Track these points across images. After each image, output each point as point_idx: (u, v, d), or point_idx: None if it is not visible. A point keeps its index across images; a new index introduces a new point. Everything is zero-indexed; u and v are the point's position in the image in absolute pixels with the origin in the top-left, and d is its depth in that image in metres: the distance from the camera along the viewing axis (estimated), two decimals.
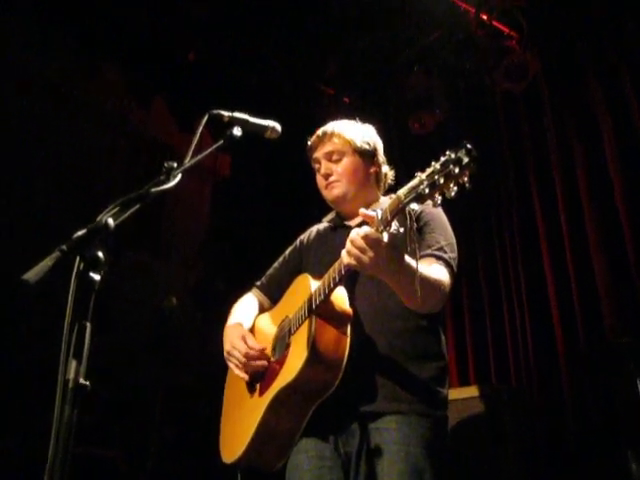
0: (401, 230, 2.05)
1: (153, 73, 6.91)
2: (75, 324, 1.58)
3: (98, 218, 1.72)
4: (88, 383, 1.57)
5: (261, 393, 2.63)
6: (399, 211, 2.00)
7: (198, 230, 7.67)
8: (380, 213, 2.05)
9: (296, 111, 6.71)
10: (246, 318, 3.01)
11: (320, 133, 2.99)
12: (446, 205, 2.00)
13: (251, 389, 2.76)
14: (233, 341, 2.76)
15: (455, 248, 2.67)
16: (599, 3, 5.80)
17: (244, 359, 2.69)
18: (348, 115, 3.15)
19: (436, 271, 2.47)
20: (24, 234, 5.58)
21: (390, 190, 3.04)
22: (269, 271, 3.23)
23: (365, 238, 2.08)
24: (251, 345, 2.71)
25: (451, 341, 6.32)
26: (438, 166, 1.88)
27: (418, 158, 1.99)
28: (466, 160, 1.82)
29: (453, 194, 1.87)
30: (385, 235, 2.06)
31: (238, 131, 2.32)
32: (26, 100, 6.05)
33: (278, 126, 2.50)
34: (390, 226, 2.04)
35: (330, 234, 3.03)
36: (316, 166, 3.02)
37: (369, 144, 2.99)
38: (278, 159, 7.22)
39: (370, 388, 2.50)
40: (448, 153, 1.87)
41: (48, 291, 1.63)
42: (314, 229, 3.19)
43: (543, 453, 5.07)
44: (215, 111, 2.35)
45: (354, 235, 2.11)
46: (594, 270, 5.35)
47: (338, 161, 2.93)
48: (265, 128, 2.48)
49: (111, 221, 1.72)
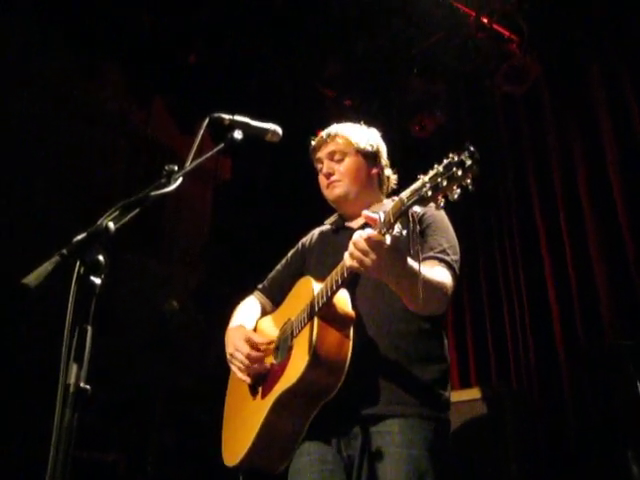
0: (404, 233, 2.04)
1: (153, 74, 6.91)
2: (76, 328, 1.58)
3: (98, 222, 1.72)
4: (89, 387, 1.56)
5: (263, 396, 2.62)
6: (402, 213, 1.99)
7: (200, 233, 7.66)
8: (383, 215, 2.05)
9: (297, 114, 6.70)
10: (248, 321, 3.00)
11: (324, 134, 3.00)
12: (447, 207, 2.00)
13: (253, 392, 2.75)
14: (236, 343, 2.75)
15: (458, 250, 2.68)
16: (599, 6, 5.81)
17: (247, 361, 2.68)
18: (349, 118, 3.16)
19: (439, 274, 2.47)
20: (24, 234, 5.58)
21: (393, 193, 3.05)
22: (271, 274, 3.23)
23: (368, 240, 2.07)
24: (256, 341, 2.71)
25: (452, 343, 6.33)
26: (441, 169, 1.87)
27: (419, 161, 1.99)
28: (469, 162, 1.82)
29: (456, 197, 1.86)
30: (388, 237, 2.05)
31: (239, 134, 2.32)
32: (26, 100, 6.05)
33: (279, 129, 2.50)
34: (393, 228, 2.03)
35: (332, 236, 3.03)
36: (319, 166, 3.03)
37: (372, 146, 3.00)
38: (279, 162, 7.22)
39: (372, 391, 2.49)
40: (451, 156, 1.86)
41: (50, 293, 1.63)
42: (316, 231, 3.19)
43: (544, 454, 5.07)
44: (216, 114, 2.34)
45: (357, 237, 2.11)
46: (594, 271, 5.35)
47: (340, 161, 2.94)
48: (266, 131, 2.47)
49: (111, 225, 1.72)
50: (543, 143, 6.14)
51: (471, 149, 1.84)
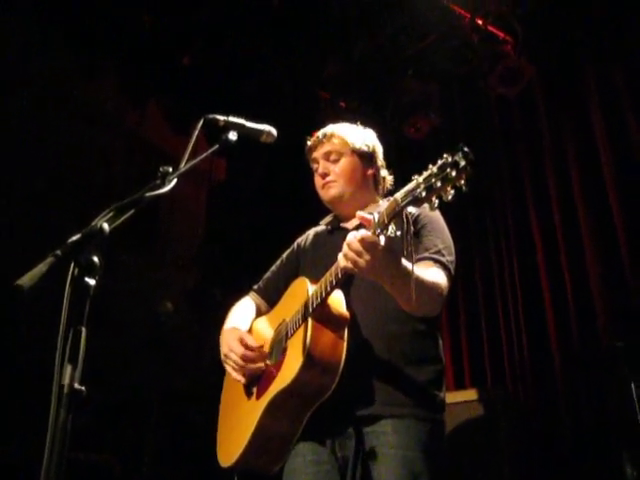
0: (398, 233, 2.04)
1: (148, 75, 6.90)
2: (70, 329, 1.58)
3: (93, 223, 1.72)
4: (83, 388, 1.56)
5: (258, 397, 2.62)
6: (396, 214, 1.99)
7: (194, 234, 7.66)
8: (377, 216, 2.05)
9: (292, 115, 6.71)
10: (243, 321, 2.99)
11: (320, 134, 3.00)
12: (443, 208, 2.00)
13: (248, 393, 2.75)
14: (230, 344, 2.74)
15: (453, 251, 2.67)
16: (593, 8, 5.82)
17: (241, 362, 2.67)
18: (344, 119, 3.16)
19: (433, 274, 2.47)
20: (20, 235, 5.57)
21: (388, 194, 3.04)
22: (266, 275, 3.22)
23: (362, 241, 2.07)
24: (249, 344, 2.70)
25: (447, 344, 6.33)
26: (435, 169, 1.87)
27: (414, 162, 1.98)
28: (463, 163, 1.82)
29: (450, 197, 1.86)
30: (382, 238, 2.05)
31: (233, 135, 2.32)
32: (23, 100, 6.04)
33: (274, 130, 2.50)
34: (387, 229, 2.03)
35: (327, 236, 3.02)
36: (314, 166, 3.03)
37: (368, 146, 3.00)
38: (274, 163, 7.21)
39: (367, 392, 2.49)
40: (445, 156, 1.86)
41: (48, 293, 1.63)
42: (311, 232, 3.18)
43: (538, 456, 5.07)
44: (210, 115, 2.34)
45: (351, 238, 2.11)
46: (589, 273, 5.36)
47: (336, 161, 2.94)
48: (260, 132, 2.47)
49: (106, 226, 1.72)
50: (537, 144, 6.15)
51: (465, 150, 1.83)
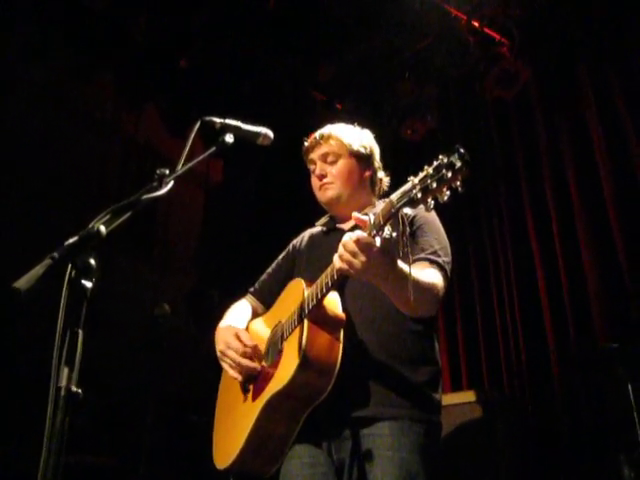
0: (394, 235, 2.03)
1: (145, 78, 6.91)
2: (67, 331, 1.58)
3: (90, 225, 1.72)
4: (80, 391, 1.56)
5: (254, 398, 2.61)
6: (392, 215, 1.98)
7: (191, 236, 7.66)
8: (372, 217, 2.05)
9: (288, 117, 6.71)
10: (239, 322, 2.98)
11: (317, 135, 3.00)
12: (439, 209, 2.00)
13: (244, 394, 2.74)
14: (227, 340, 2.73)
15: (449, 252, 2.67)
16: (589, 10, 5.83)
17: (238, 359, 2.66)
18: (340, 121, 3.15)
19: (429, 275, 2.46)
20: (17, 236, 5.57)
21: (385, 196, 3.04)
22: (262, 277, 3.21)
23: (357, 242, 2.06)
24: (245, 341, 2.69)
25: (444, 346, 6.34)
26: (431, 170, 1.87)
27: (410, 164, 1.98)
28: (459, 164, 1.82)
29: (446, 198, 1.86)
30: (377, 239, 2.05)
31: (230, 138, 2.32)
32: (21, 103, 6.05)
33: (270, 133, 2.50)
34: (383, 230, 2.02)
35: (323, 238, 3.02)
36: (311, 167, 3.02)
37: (365, 148, 2.99)
38: (271, 165, 7.22)
39: (363, 393, 2.48)
40: (441, 157, 1.86)
41: (46, 295, 1.63)
42: (307, 233, 3.18)
43: (535, 458, 5.07)
44: (207, 118, 2.34)
45: (346, 239, 2.10)
46: (586, 275, 5.37)
47: (333, 163, 2.93)
48: (257, 135, 2.47)
49: (103, 228, 1.71)
50: (534, 146, 6.16)
51: (461, 151, 1.83)
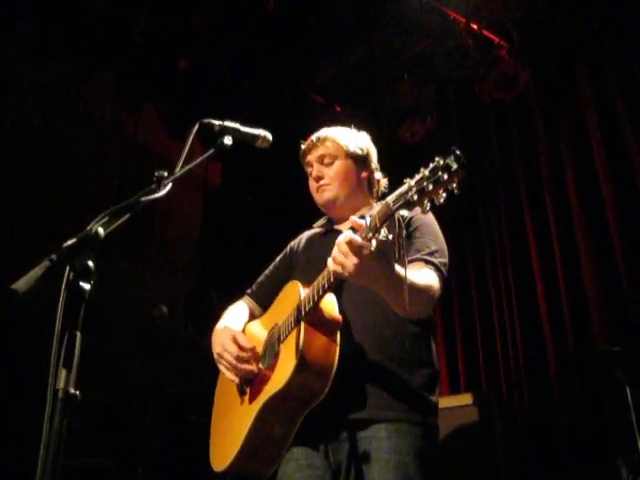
0: (390, 237, 2.02)
1: (144, 80, 6.91)
2: (65, 333, 1.58)
3: (88, 227, 1.72)
4: (78, 393, 1.56)
5: (251, 400, 2.61)
6: (388, 217, 1.98)
7: (190, 238, 7.66)
8: (369, 219, 2.04)
9: (287, 119, 6.72)
10: (236, 324, 2.98)
11: (314, 137, 3.01)
12: (437, 212, 2.00)
13: (241, 396, 2.74)
14: (224, 343, 2.72)
15: (446, 254, 2.67)
16: (588, 12, 5.84)
17: (234, 362, 2.66)
18: (339, 124, 3.16)
19: (425, 276, 2.46)
20: (15, 237, 5.57)
21: (382, 197, 3.04)
22: (259, 279, 3.22)
23: (349, 244, 2.05)
24: (242, 344, 2.69)
25: (442, 349, 6.34)
26: (427, 173, 1.87)
27: (409, 167, 1.98)
28: (455, 167, 1.82)
29: (442, 200, 1.86)
30: (373, 242, 2.05)
31: (229, 140, 2.32)
32: (21, 105, 6.05)
33: (269, 135, 2.50)
34: (379, 232, 2.02)
35: (321, 239, 3.02)
36: (308, 170, 3.03)
37: (362, 149, 3.00)
38: (269, 167, 7.22)
39: (360, 396, 2.48)
40: (437, 159, 1.86)
41: (44, 297, 1.63)
42: (304, 235, 3.18)
43: (534, 460, 5.08)
44: (206, 120, 2.34)
45: (339, 241, 2.09)
46: (584, 278, 5.37)
47: (330, 164, 2.94)
48: (256, 137, 2.47)
49: (101, 230, 1.71)
50: (533, 149, 6.17)
51: (457, 153, 1.83)
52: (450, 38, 6.34)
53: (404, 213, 1.97)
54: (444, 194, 1.86)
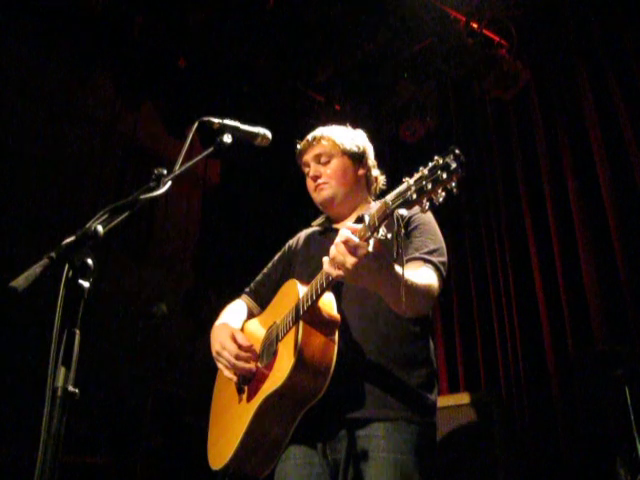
0: (389, 236, 2.01)
1: (143, 78, 6.91)
2: (64, 331, 1.58)
3: (87, 225, 1.71)
4: (77, 390, 1.56)
5: (249, 399, 2.61)
6: (386, 216, 1.97)
7: (189, 237, 7.66)
8: (368, 218, 2.03)
9: (287, 118, 6.72)
10: (234, 322, 2.98)
11: (309, 137, 3.01)
12: (437, 213, 2.00)
13: (239, 395, 2.74)
14: (223, 341, 2.73)
15: (445, 253, 2.66)
16: (588, 11, 5.83)
17: (233, 360, 2.66)
18: (339, 123, 3.16)
19: (423, 275, 2.45)
20: (14, 237, 5.58)
21: (381, 195, 3.03)
22: (257, 277, 3.22)
23: (346, 244, 2.03)
24: (241, 342, 2.69)
25: (441, 348, 6.33)
26: (426, 172, 1.86)
27: (409, 165, 1.97)
28: (454, 166, 1.81)
29: (441, 200, 1.86)
30: (371, 242, 2.04)
31: (228, 138, 2.32)
32: (21, 104, 6.06)
33: (269, 133, 2.50)
34: (377, 231, 2.01)
35: (319, 238, 3.02)
36: (306, 170, 3.03)
37: (358, 147, 3.00)
38: (268, 166, 7.22)
39: (358, 394, 2.48)
40: (436, 158, 1.85)
41: (43, 295, 1.63)
42: (302, 233, 3.18)
43: (533, 460, 5.08)
44: (205, 118, 2.34)
45: (337, 241, 2.08)
46: (583, 277, 5.36)
47: (327, 163, 2.94)
48: (255, 135, 2.47)
49: (100, 228, 1.71)
50: (533, 148, 6.16)
51: (456, 152, 1.82)
52: (450, 37, 6.33)
53: (403, 212, 1.96)
54: (443, 193, 1.85)
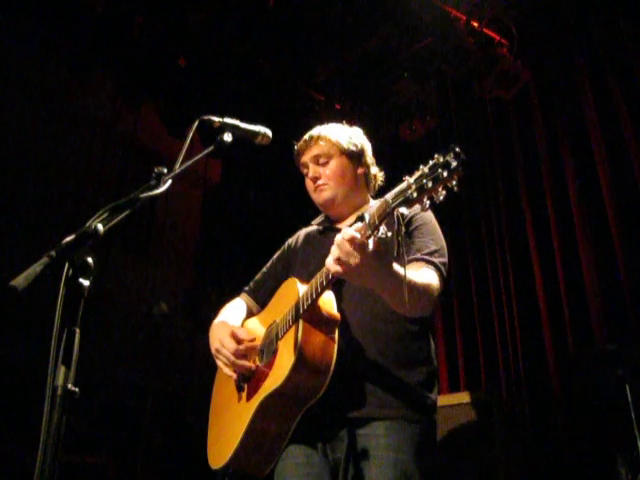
0: (389, 234, 2.01)
1: (143, 77, 6.91)
2: (64, 330, 1.57)
3: (87, 223, 1.71)
4: (77, 389, 1.56)
5: (249, 398, 2.61)
6: (386, 215, 1.96)
7: (189, 236, 7.66)
8: (368, 217, 2.03)
9: (287, 117, 6.72)
10: (234, 320, 2.98)
11: (306, 137, 2.99)
12: (437, 212, 1.99)
13: (239, 393, 2.74)
14: (222, 339, 2.72)
15: (445, 253, 2.66)
16: (589, 11, 5.83)
17: (232, 358, 2.66)
18: (339, 122, 3.15)
19: (425, 276, 2.45)
20: (16, 236, 5.58)
21: (381, 192, 3.03)
22: (257, 276, 3.21)
23: (349, 242, 2.03)
24: (241, 337, 2.69)
25: (442, 347, 6.33)
26: (426, 170, 1.86)
27: (409, 165, 1.97)
28: (454, 164, 1.80)
29: (442, 198, 1.85)
30: (371, 241, 2.03)
31: (229, 137, 2.31)
32: (21, 104, 6.06)
33: (269, 132, 2.49)
34: (378, 230, 2.01)
35: (319, 237, 3.01)
36: (304, 171, 3.02)
37: (356, 145, 2.98)
38: (269, 166, 7.22)
39: (358, 393, 2.48)
40: (437, 157, 1.85)
41: (43, 293, 1.63)
42: (302, 232, 3.17)
43: (533, 459, 5.07)
44: (206, 117, 2.33)
45: (338, 239, 2.08)
46: (584, 277, 5.36)
47: (325, 164, 2.93)
48: (256, 134, 2.47)
49: (100, 227, 1.71)
50: (533, 147, 6.16)
51: (456, 150, 1.82)
52: (450, 36, 6.32)
53: (403, 211, 1.95)
54: (443, 192, 1.84)
